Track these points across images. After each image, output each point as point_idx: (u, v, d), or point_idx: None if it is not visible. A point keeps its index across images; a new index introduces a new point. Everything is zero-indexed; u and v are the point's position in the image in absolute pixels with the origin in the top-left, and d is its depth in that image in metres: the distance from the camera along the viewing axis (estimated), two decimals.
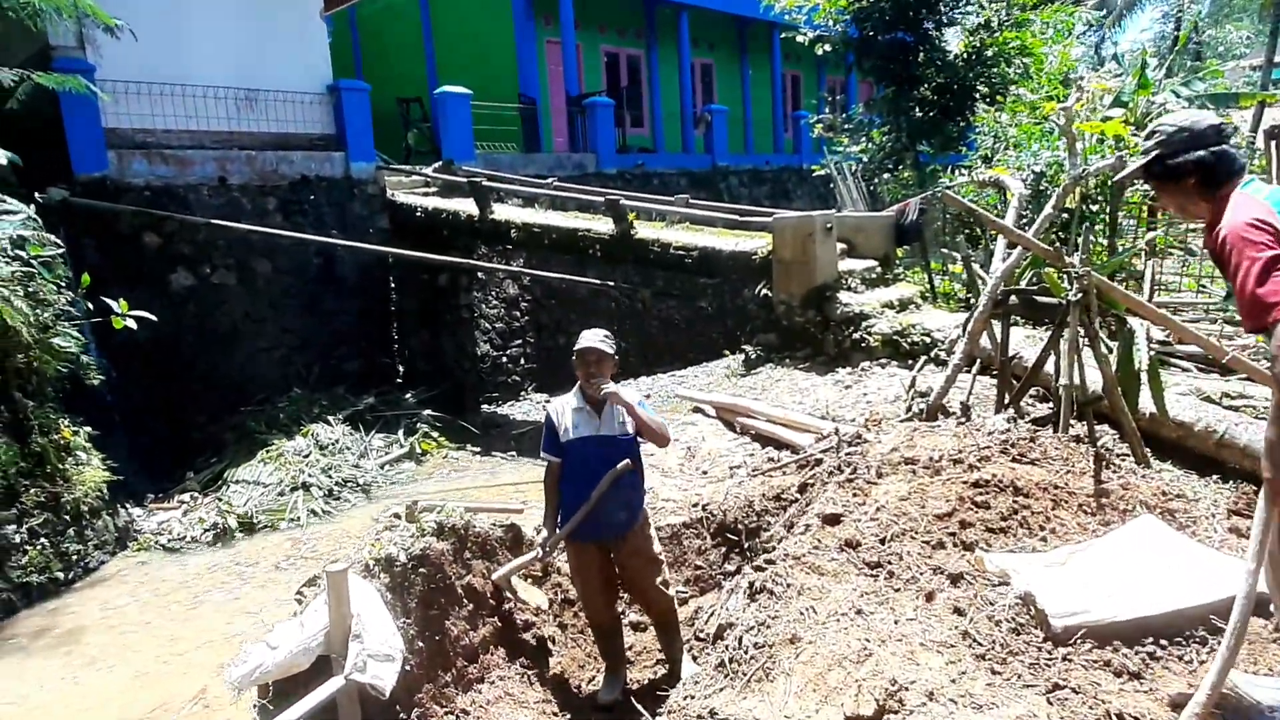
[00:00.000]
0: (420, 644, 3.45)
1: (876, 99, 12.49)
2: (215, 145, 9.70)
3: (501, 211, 10.17)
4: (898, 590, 2.83)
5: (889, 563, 2.98)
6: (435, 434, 9.55)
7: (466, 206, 10.29)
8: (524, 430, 10.16)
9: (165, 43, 8.82)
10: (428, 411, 9.90)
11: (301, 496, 7.71)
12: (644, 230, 8.75)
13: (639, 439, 3.74)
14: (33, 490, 6.11)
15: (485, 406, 11.29)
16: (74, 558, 6.32)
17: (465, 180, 10.46)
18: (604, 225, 9.00)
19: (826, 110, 13.58)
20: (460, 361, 11.35)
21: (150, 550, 6.90)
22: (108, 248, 8.49)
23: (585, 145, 14.77)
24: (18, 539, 5.93)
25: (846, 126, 12.77)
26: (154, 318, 7.42)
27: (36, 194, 7.56)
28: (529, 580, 4.32)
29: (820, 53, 12.71)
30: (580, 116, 14.97)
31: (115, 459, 7.06)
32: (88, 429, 6.81)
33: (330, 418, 9.01)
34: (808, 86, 22.40)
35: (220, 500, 7.53)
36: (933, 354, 6.27)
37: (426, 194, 11.36)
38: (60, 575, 6.17)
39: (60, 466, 6.33)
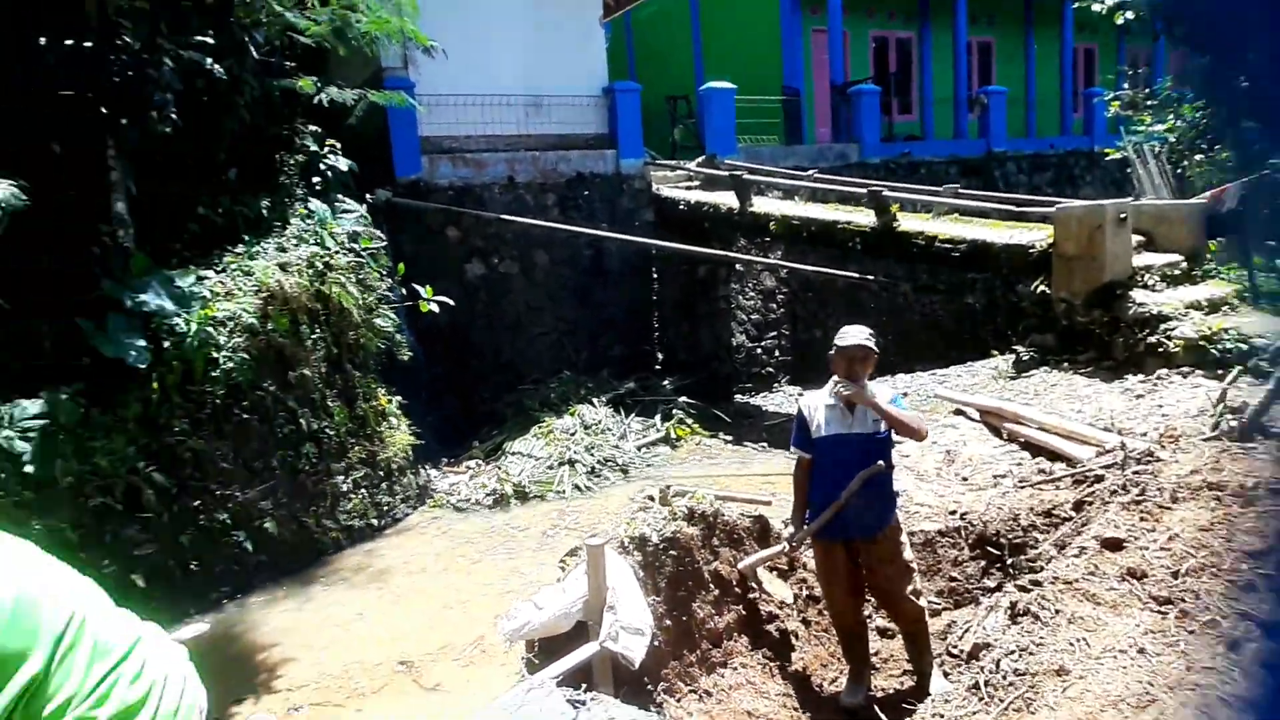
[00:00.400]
0: (668, 622, 3.66)
1: (1190, 69, 10.93)
2: (506, 148, 10.74)
3: (761, 204, 10.27)
4: (1192, 632, 2.55)
5: (1182, 600, 2.69)
6: (690, 420, 9.90)
7: (727, 199, 10.50)
8: (775, 422, 10.22)
9: (468, 59, 9.87)
10: (683, 398, 10.28)
11: (567, 471, 8.37)
12: (908, 222, 8.42)
13: (893, 439, 3.66)
14: (357, 448, 7.22)
15: (738, 396, 11.50)
16: (385, 508, 7.39)
17: (726, 174, 10.67)
18: (865, 217, 8.78)
19: (1125, 86, 12.09)
20: (716, 351, 11.65)
21: (443, 508, 7.87)
22: (418, 241, 9.74)
23: (848, 135, 14.41)
24: (345, 488, 7.04)
25: (1150, 103, 11.31)
26: (452, 303, 8.46)
27: (367, 195, 8.88)
28: (774, 573, 4.39)
29: (1120, 21, 11.38)
30: (844, 105, 14.63)
31: (418, 425, 8.14)
32: (399, 398, 7.90)
33: (595, 400, 9.67)
34: (1103, 60, 20.07)
35: (499, 469, 8.39)
36: (1250, 364, 5.45)
37: (689, 188, 11.74)
38: (374, 522, 7.25)
39: (378, 429, 7.42)
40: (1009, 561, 4.11)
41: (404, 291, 8.25)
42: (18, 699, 1.13)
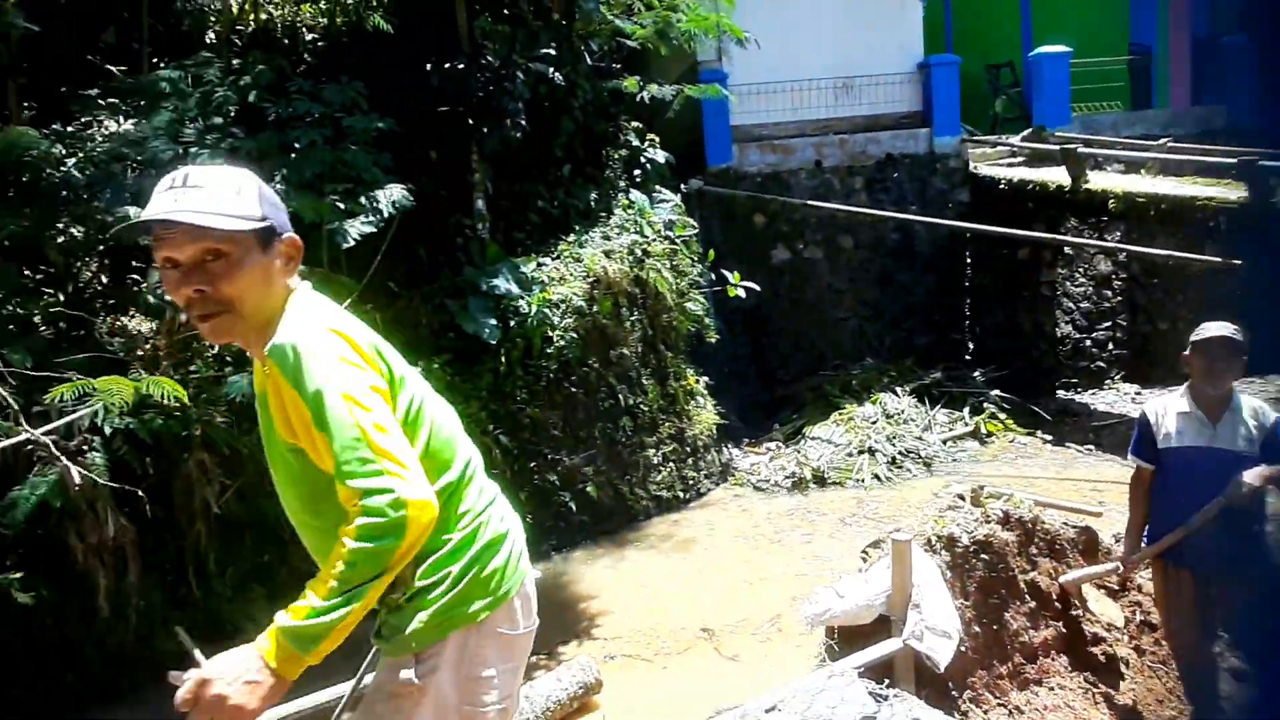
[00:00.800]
0: (976, 629, 3.55)
1: None
2: (814, 133, 10.71)
3: (1098, 180, 9.22)
4: None
5: None
6: (1002, 416, 9.27)
7: (1056, 176, 9.58)
8: (1105, 424, 9.21)
9: (779, 46, 9.94)
10: (995, 391, 9.64)
11: (867, 460, 8.26)
12: None
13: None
14: (666, 424, 7.75)
15: (1060, 392, 10.50)
16: (690, 482, 7.85)
17: (1057, 147, 9.72)
18: (1232, 192, 7.56)
19: None
20: (1036, 342, 10.72)
21: (743, 486, 8.17)
22: (726, 227, 10.09)
23: (1213, 97, 12.37)
24: (655, 460, 7.60)
25: None
26: (758, 288, 8.69)
27: (681, 185, 9.38)
28: (1102, 590, 4.05)
29: None
30: (1208, 62, 12.56)
31: (721, 405, 8.51)
32: (705, 379, 8.32)
33: (897, 388, 9.40)
34: None
35: (799, 452, 8.51)
36: None
37: (1011, 164, 10.88)
38: (680, 495, 7.73)
39: (685, 407, 7.90)
40: None
41: (713, 276, 8.62)
42: (442, 495, 1.61)
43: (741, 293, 8.60)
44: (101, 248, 6.40)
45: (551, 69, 7.58)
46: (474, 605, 1.64)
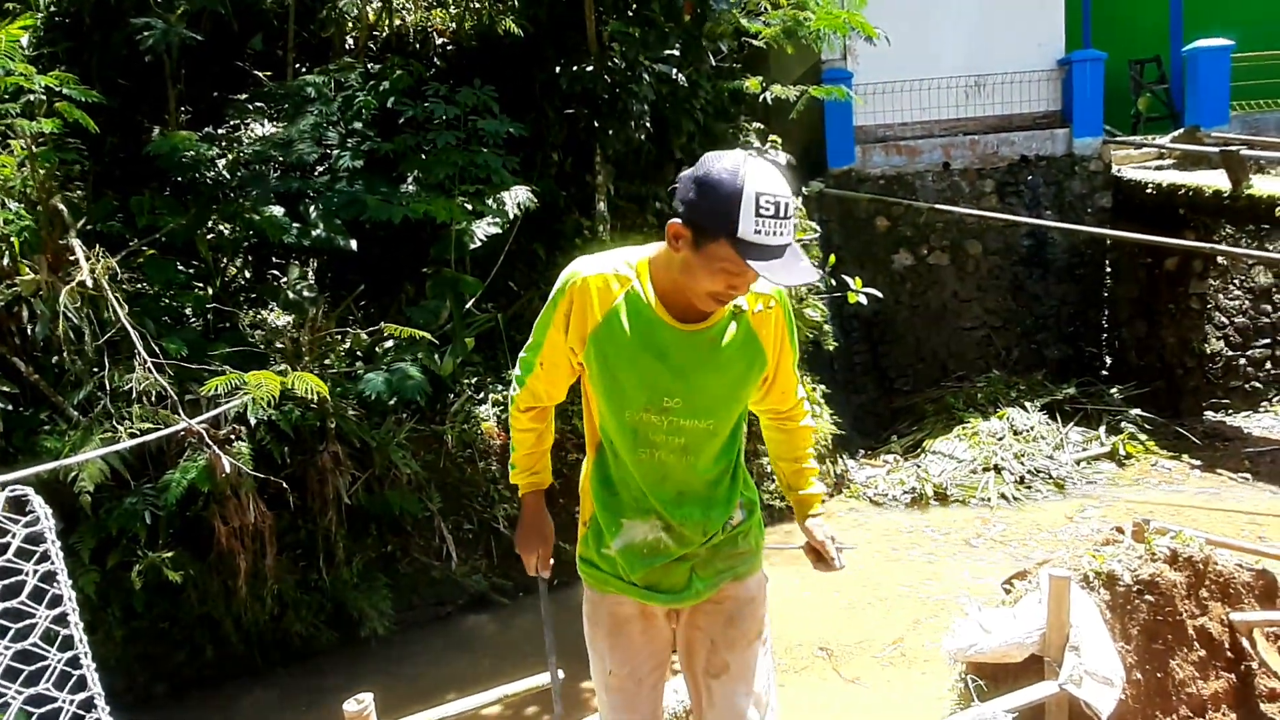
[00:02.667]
0: (1138, 675, 3.27)
1: None
2: (942, 133, 10.26)
3: (1261, 185, 8.48)
4: None
5: None
6: (1142, 436, 8.65)
7: (1212, 180, 8.86)
8: (1264, 450, 8.46)
9: (909, 42, 9.56)
10: (1135, 410, 9.00)
11: (992, 478, 7.85)
12: None
13: None
14: None
15: (1209, 414, 9.72)
16: None
17: (1215, 149, 8.99)
18: None
19: None
20: (1181, 358, 9.96)
21: (859, 499, 7.90)
22: (848, 231, 9.80)
23: None
24: (768, 469, 7.42)
25: None
26: (880, 295, 8.40)
27: (802, 187, 9.16)
28: (1278, 642, 3.68)
29: None
30: None
31: (837, 414, 8.25)
32: (822, 387, 8.08)
33: (1026, 403, 8.90)
34: None
35: (919, 467, 8.17)
36: None
37: (1159, 167, 10.14)
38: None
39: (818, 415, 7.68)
40: None
41: (833, 281, 8.38)
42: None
43: (863, 299, 8.31)
44: (245, 245, 6.76)
45: (674, 70, 7.51)
46: None
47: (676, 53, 7.48)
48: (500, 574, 6.36)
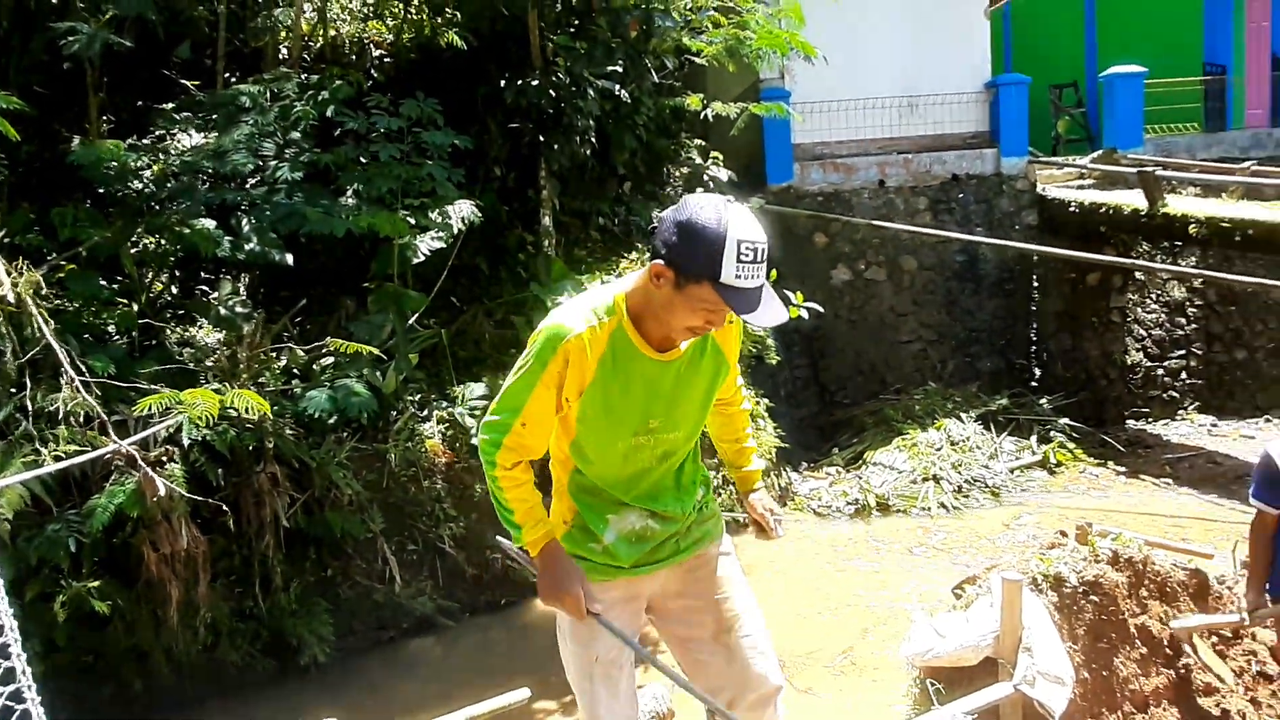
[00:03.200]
0: (1085, 675, 3.35)
1: None
2: (877, 152, 10.54)
3: (1175, 204, 8.94)
4: None
5: None
6: (1071, 445, 8.98)
7: (1130, 199, 9.32)
8: (1181, 456, 8.87)
9: (844, 63, 9.80)
10: (1064, 420, 9.35)
11: (932, 487, 8.03)
12: None
13: None
14: None
15: (1131, 422, 10.15)
16: None
17: (1132, 170, 9.44)
18: None
19: None
20: (1105, 369, 10.39)
21: (803, 511, 7.98)
22: (788, 246, 9.92)
23: None
24: (715, 481, 7.44)
25: None
26: (820, 309, 8.52)
27: (743, 203, 9.27)
28: (1210, 639, 3.82)
29: None
30: None
31: (782, 428, 8.33)
32: (766, 400, 8.15)
33: (962, 414, 9.14)
34: None
35: (860, 479, 8.29)
36: None
37: (1081, 187, 10.61)
38: (739, 519, 7.50)
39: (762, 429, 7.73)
40: None
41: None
42: None
43: (803, 313, 8.40)
44: (173, 259, 6.49)
45: (618, 86, 7.54)
46: None
47: (620, 69, 7.52)
48: (445, 595, 6.19)
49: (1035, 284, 10.64)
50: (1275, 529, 3.18)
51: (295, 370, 6.10)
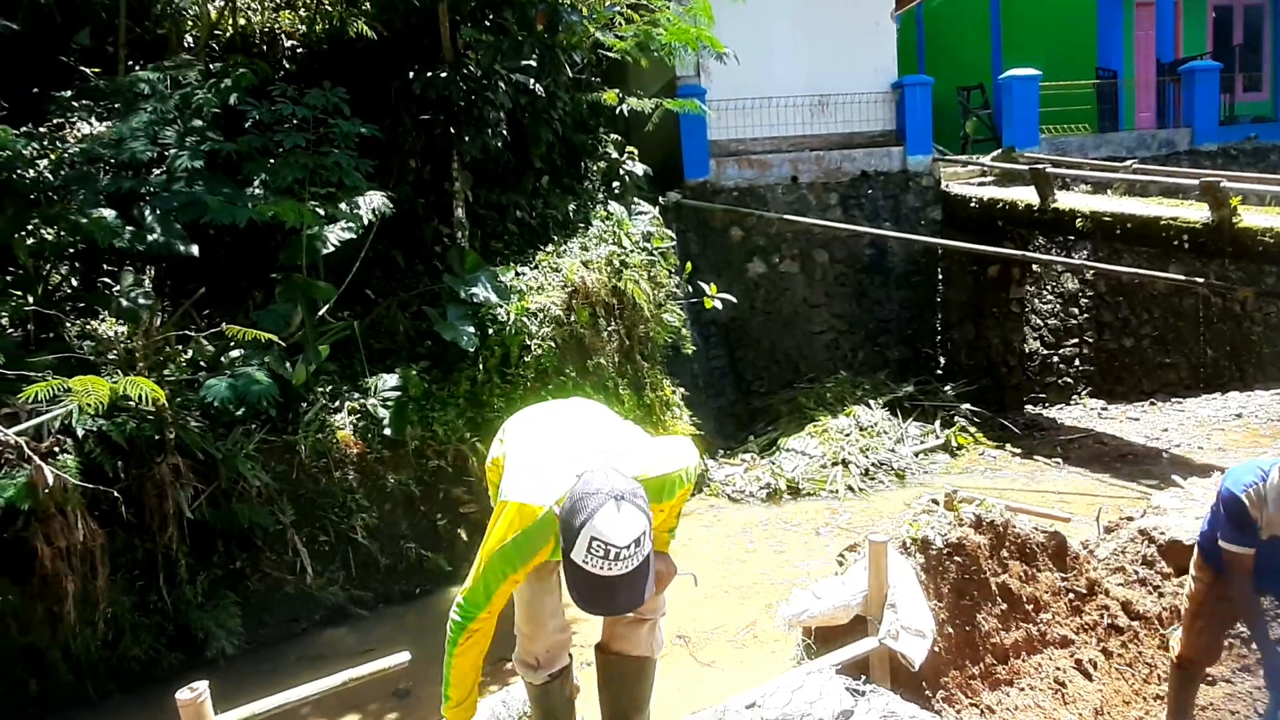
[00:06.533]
0: (949, 629, 3.61)
1: None
2: (790, 148, 10.86)
3: (1065, 200, 9.47)
4: None
5: None
6: (972, 429, 9.42)
7: (1025, 195, 9.81)
8: (1072, 438, 9.39)
9: (757, 62, 10.10)
10: (966, 405, 9.80)
11: (840, 471, 8.34)
12: (1251, 217, 7.36)
13: None
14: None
15: (1028, 407, 10.69)
16: None
17: (1026, 167, 9.95)
18: (1195, 212, 7.79)
19: None
20: (1005, 357, 10.93)
21: (718, 497, 8.20)
22: (703, 240, 10.18)
23: (1177, 119, 12.77)
24: None
25: None
26: (735, 300, 8.79)
27: (659, 197, 9.46)
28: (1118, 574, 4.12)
29: None
30: (1173, 86, 12.98)
31: (697, 416, 8.54)
32: (681, 390, 8.35)
33: (871, 401, 9.51)
34: None
35: (773, 464, 8.57)
36: None
37: (982, 184, 11.12)
38: None
39: (662, 418, 7.91)
40: None
41: (689, 288, 8.70)
42: None
43: (718, 305, 8.70)
44: (72, 250, 6.33)
45: (533, 80, 7.63)
46: None
47: (534, 63, 7.61)
48: (359, 585, 6.21)
49: (940, 276, 11.11)
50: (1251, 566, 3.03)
51: (202, 363, 6.03)
